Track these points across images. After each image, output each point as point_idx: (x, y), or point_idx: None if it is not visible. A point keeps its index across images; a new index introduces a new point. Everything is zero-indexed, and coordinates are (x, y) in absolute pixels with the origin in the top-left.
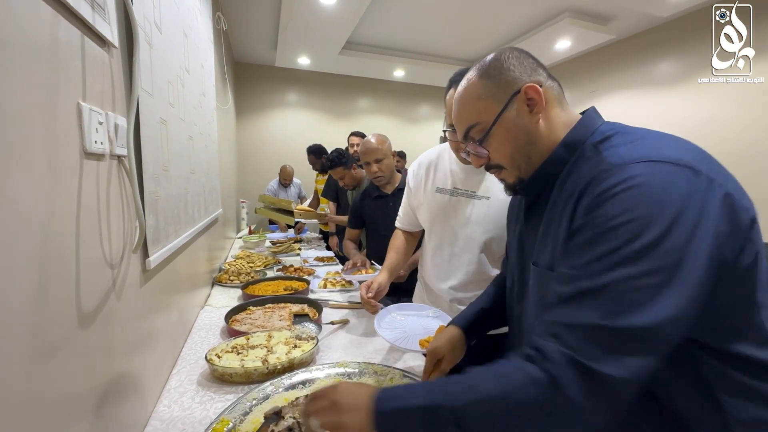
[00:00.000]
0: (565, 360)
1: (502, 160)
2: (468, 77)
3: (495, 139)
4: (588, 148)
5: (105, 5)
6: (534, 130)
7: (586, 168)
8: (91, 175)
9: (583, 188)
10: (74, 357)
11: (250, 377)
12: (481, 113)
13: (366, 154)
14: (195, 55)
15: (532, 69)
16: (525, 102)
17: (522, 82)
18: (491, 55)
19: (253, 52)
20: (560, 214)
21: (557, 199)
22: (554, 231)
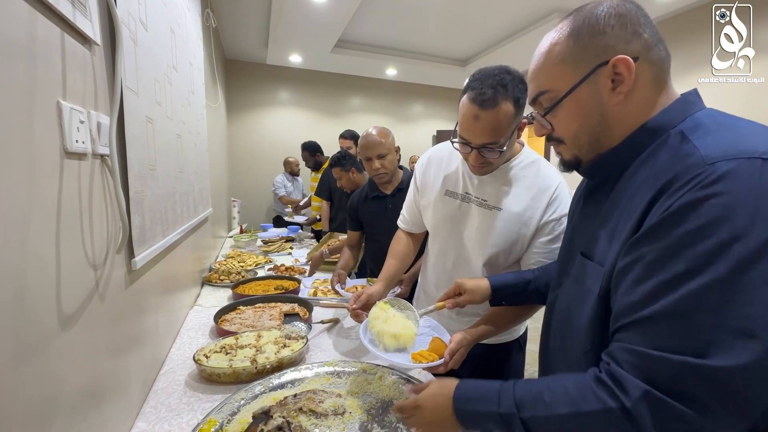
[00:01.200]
0: (641, 393)
1: (564, 135)
2: (558, 29)
3: (563, 112)
4: (674, 136)
5: (86, 2)
6: (611, 111)
7: (668, 158)
8: (72, 174)
9: (668, 182)
10: (55, 359)
11: (238, 377)
12: (556, 80)
13: (367, 148)
14: (183, 53)
15: (634, 34)
16: (610, 76)
17: (614, 52)
18: (591, 4)
19: (245, 50)
20: (628, 206)
21: (626, 188)
22: (617, 224)
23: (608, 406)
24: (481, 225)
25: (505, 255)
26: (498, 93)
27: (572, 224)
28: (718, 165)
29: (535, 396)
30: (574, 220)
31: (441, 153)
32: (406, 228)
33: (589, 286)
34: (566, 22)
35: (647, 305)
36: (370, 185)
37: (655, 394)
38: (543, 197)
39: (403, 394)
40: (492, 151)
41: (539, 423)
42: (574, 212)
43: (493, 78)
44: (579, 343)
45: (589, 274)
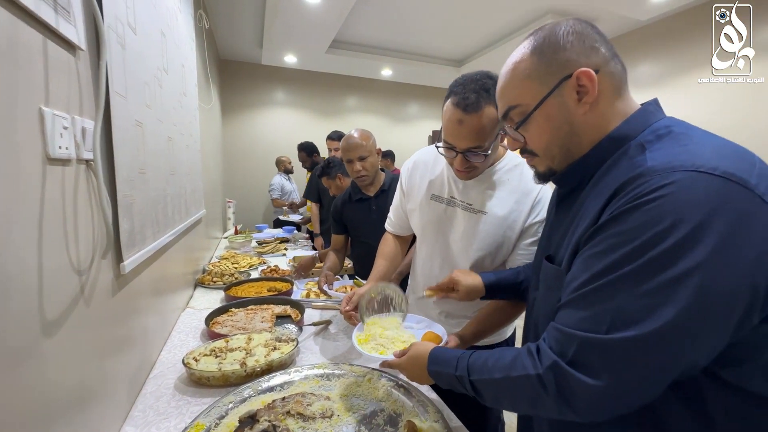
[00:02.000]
0: (550, 362)
1: (536, 148)
2: (521, 49)
3: (534, 125)
4: (634, 146)
5: (70, 7)
6: (579, 121)
7: (626, 167)
8: (55, 181)
9: (616, 190)
10: (38, 365)
11: (227, 380)
12: (524, 95)
13: (348, 150)
14: (174, 55)
15: (592, 49)
16: (575, 88)
17: (576, 66)
18: (549, 25)
19: (239, 50)
20: (586, 211)
21: (588, 195)
22: (576, 227)
23: (527, 372)
24: (466, 229)
25: (491, 258)
26: (481, 97)
27: (546, 231)
28: (658, 177)
29: (482, 363)
30: (547, 227)
31: (426, 157)
32: (393, 231)
33: (552, 287)
34: (528, 42)
35: (574, 292)
36: (353, 188)
37: (559, 364)
38: (527, 200)
39: (392, 396)
40: (477, 155)
41: (482, 384)
42: (548, 219)
43: (475, 83)
44: None
45: (555, 277)
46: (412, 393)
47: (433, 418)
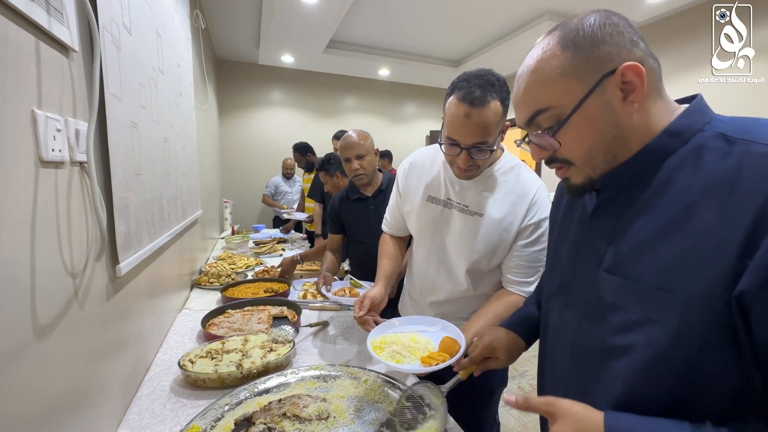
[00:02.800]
0: None
1: (574, 156)
2: (544, 45)
3: (572, 129)
4: (709, 138)
5: (63, 9)
6: (626, 122)
7: (737, 163)
8: (48, 183)
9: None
10: (31, 368)
11: (223, 382)
12: (558, 95)
13: (346, 149)
14: (170, 55)
15: (631, 42)
16: (619, 86)
17: (619, 60)
18: (576, 18)
19: (236, 50)
20: (694, 221)
21: (663, 198)
22: (687, 241)
23: None
24: (463, 231)
25: (488, 260)
26: (487, 92)
27: (573, 243)
28: None
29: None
30: (573, 238)
31: (423, 158)
32: (390, 232)
33: (648, 315)
34: (553, 37)
35: None
36: (350, 188)
37: None
38: (523, 202)
39: (389, 397)
40: (481, 151)
41: None
42: (568, 231)
43: (480, 78)
44: (626, 378)
45: (638, 299)
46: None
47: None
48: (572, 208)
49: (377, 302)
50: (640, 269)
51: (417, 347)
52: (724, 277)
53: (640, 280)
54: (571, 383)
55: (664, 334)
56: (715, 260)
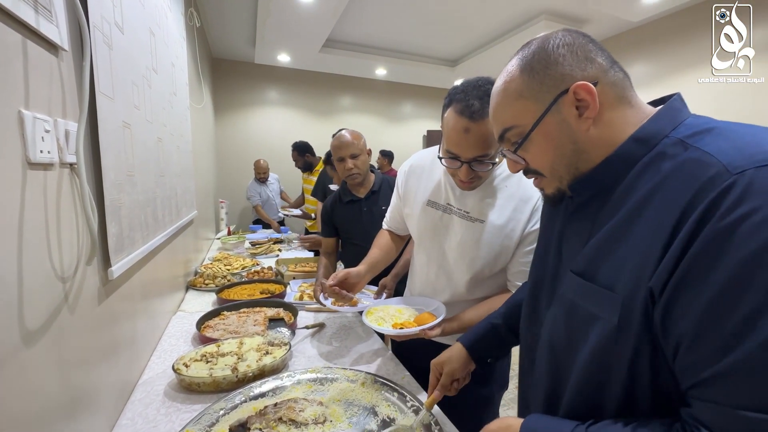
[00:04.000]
0: None
1: (540, 168)
2: (509, 68)
3: (533, 145)
4: (671, 145)
5: (51, 7)
6: (583, 137)
7: (674, 168)
8: (36, 186)
9: (691, 201)
10: (18, 375)
11: (218, 386)
12: (518, 115)
13: (340, 148)
14: (164, 54)
15: (587, 60)
16: (574, 104)
17: (572, 80)
18: (537, 40)
19: (232, 48)
20: (639, 226)
21: (624, 204)
22: (629, 247)
23: None
24: (464, 237)
25: (490, 267)
26: (486, 103)
27: (556, 241)
28: (748, 173)
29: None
30: (556, 237)
31: (423, 161)
32: (391, 230)
33: (595, 313)
34: (515, 60)
35: (722, 356)
36: (343, 189)
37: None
38: (525, 208)
39: (387, 400)
40: (483, 164)
41: None
42: (553, 230)
43: (478, 89)
44: (577, 372)
45: (591, 298)
46: (406, 397)
47: (426, 421)
48: (553, 212)
49: (351, 278)
50: (595, 270)
51: (399, 317)
52: (648, 276)
53: (593, 280)
54: (546, 377)
55: (606, 330)
56: (646, 261)
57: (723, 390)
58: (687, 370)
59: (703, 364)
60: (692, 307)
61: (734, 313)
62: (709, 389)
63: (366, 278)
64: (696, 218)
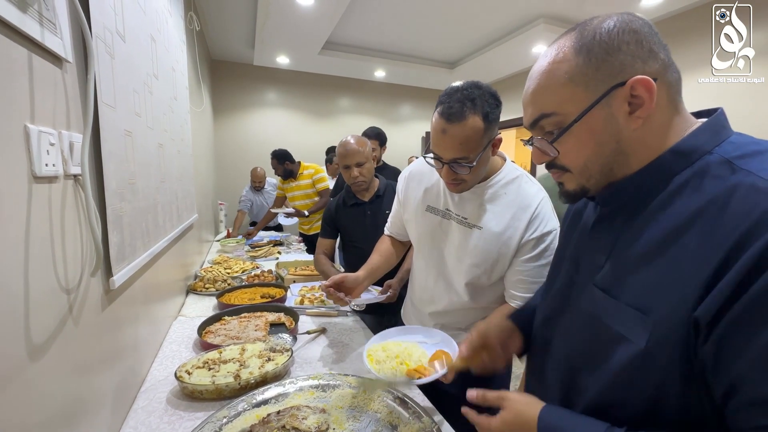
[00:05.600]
0: None
1: (571, 165)
2: (559, 46)
3: (573, 138)
4: (716, 164)
5: (56, 20)
6: (628, 137)
7: (725, 192)
8: (42, 199)
9: (749, 231)
10: (24, 389)
11: (221, 394)
12: (563, 101)
13: (346, 157)
14: (165, 59)
15: (650, 53)
16: (627, 99)
17: (632, 72)
18: (598, 19)
19: (231, 50)
20: (679, 247)
21: (660, 221)
22: (667, 266)
23: None
24: (461, 243)
25: (487, 275)
26: (465, 107)
27: (573, 252)
28: None
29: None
30: (574, 248)
31: (423, 167)
32: (392, 235)
33: (621, 333)
34: (569, 39)
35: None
36: (347, 193)
37: None
38: (523, 216)
39: (388, 407)
40: (462, 167)
41: None
42: (571, 239)
43: (461, 93)
44: (597, 389)
45: (617, 317)
46: (408, 404)
47: (429, 428)
48: (576, 217)
49: (348, 282)
50: (622, 287)
51: (410, 359)
52: (692, 303)
53: (620, 297)
54: (559, 385)
55: (632, 352)
56: (688, 288)
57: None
58: (742, 411)
59: (761, 409)
60: (753, 348)
61: None
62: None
63: (364, 284)
64: (758, 252)
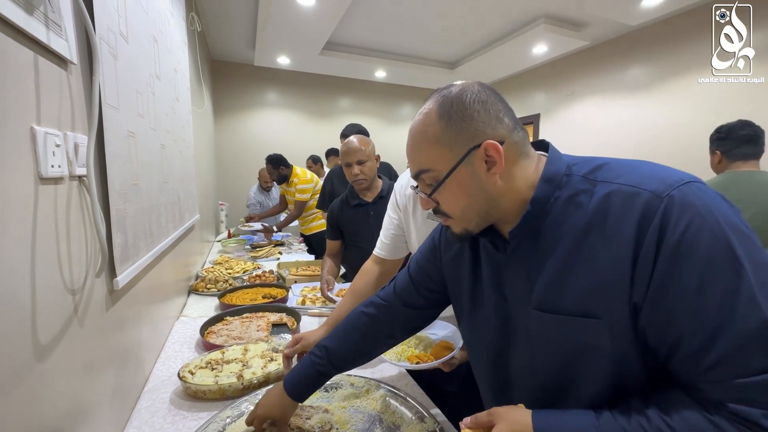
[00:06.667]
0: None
1: (451, 212)
2: (428, 110)
3: (447, 190)
4: (577, 182)
5: (61, 22)
6: (491, 189)
7: (602, 201)
8: (47, 200)
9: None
10: (31, 390)
11: (224, 394)
12: (435, 160)
13: (348, 154)
14: (167, 60)
15: (497, 119)
16: (484, 158)
17: (483, 136)
18: (456, 88)
19: (232, 51)
20: (594, 253)
21: (564, 238)
22: (590, 272)
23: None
24: None
25: None
26: None
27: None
28: (673, 194)
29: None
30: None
31: None
32: (382, 254)
33: (587, 342)
34: (434, 104)
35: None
36: (350, 193)
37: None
38: None
39: (390, 407)
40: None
41: None
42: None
43: None
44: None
45: (575, 329)
46: (411, 404)
47: (431, 428)
48: (463, 258)
49: (308, 343)
50: (562, 303)
51: (416, 347)
52: (628, 294)
53: (565, 312)
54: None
55: (601, 354)
56: (619, 284)
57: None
58: (687, 361)
59: (700, 355)
60: (675, 310)
61: (708, 302)
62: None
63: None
64: (652, 239)
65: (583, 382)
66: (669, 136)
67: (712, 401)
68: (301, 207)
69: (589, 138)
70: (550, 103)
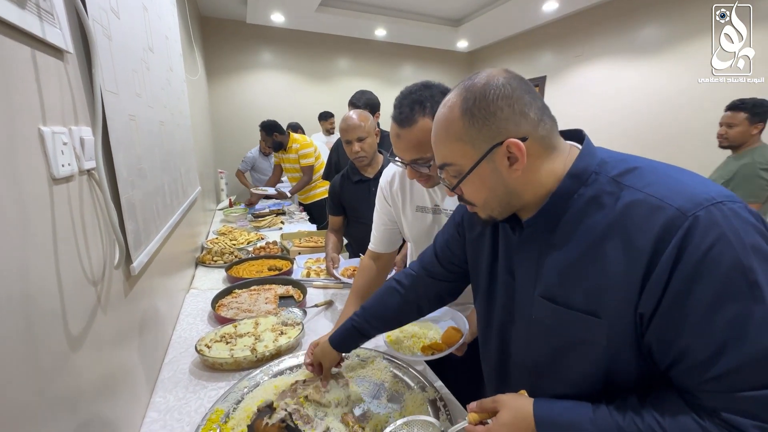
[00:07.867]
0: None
1: (474, 202)
2: (451, 103)
3: (469, 184)
4: (605, 183)
5: (53, 9)
6: (513, 184)
7: (626, 207)
8: (62, 199)
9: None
10: (71, 376)
11: (239, 365)
12: (457, 155)
13: (347, 131)
14: (158, 28)
15: (521, 114)
16: (506, 155)
17: (506, 134)
18: (481, 80)
19: (222, 6)
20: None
21: (581, 236)
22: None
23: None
24: None
25: None
26: (414, 111)
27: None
28: (699, 215)
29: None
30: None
31: (398, 169)
32: (376, 249)
33: (583, 337)
34: (457, 98)
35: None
36: (351, 169)
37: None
38: None
39: (395, 377)
40: (422, 166)
41: None
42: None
43: (410, 97)
44: (564, 388)
45: (575, 324)
46: (413, 374)
47: (432, 397)
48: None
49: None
50: (567, 296)
51: (425, 337)
52: (634, 302)
53: (570, 306)
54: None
55: (596, 351)
56: (627, 292)
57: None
58: (689, 372)
59: (704, 367)
60: (684, 324)
61: (720, 320)
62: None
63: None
64: (669, 257)
65: (573, 370)
66: (678, 102)
67: (707, 408)
68: (310, 171)
69: (597, 103)
70: (557, 64)
